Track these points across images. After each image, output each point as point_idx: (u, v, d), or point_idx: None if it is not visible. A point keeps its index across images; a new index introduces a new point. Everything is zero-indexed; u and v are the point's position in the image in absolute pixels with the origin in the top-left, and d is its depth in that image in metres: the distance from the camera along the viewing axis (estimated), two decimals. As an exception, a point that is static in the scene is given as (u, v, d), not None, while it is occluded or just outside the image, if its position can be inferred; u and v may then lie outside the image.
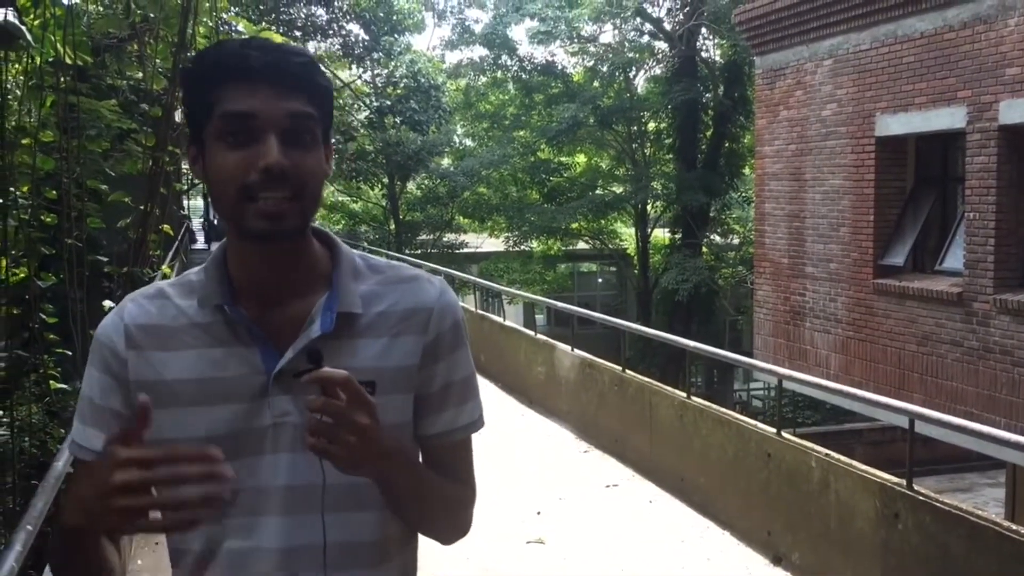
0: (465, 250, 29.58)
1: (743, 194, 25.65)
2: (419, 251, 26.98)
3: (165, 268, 8.62)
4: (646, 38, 27.27)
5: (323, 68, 1.32)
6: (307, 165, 1.25)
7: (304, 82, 1.25)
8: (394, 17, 25.89)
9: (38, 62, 5.49)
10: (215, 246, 1.41)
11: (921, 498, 4.73)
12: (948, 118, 9.38)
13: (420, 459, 1.41)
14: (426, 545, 1.48)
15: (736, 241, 26.64)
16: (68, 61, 5.40)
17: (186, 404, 1.29)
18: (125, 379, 1.32)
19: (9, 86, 5.96)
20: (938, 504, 4.65)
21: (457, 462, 1.42)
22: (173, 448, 1.11)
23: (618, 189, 27.46)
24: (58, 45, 5.22)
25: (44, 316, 5.41)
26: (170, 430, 1.28)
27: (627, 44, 27.12)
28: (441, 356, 1.36)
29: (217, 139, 1.24)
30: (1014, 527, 4.46)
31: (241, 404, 1.29)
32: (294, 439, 1.27)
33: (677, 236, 25.90)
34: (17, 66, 5.84)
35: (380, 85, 26.43)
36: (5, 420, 5.14)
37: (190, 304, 1.33)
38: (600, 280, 33.92)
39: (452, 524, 1.43)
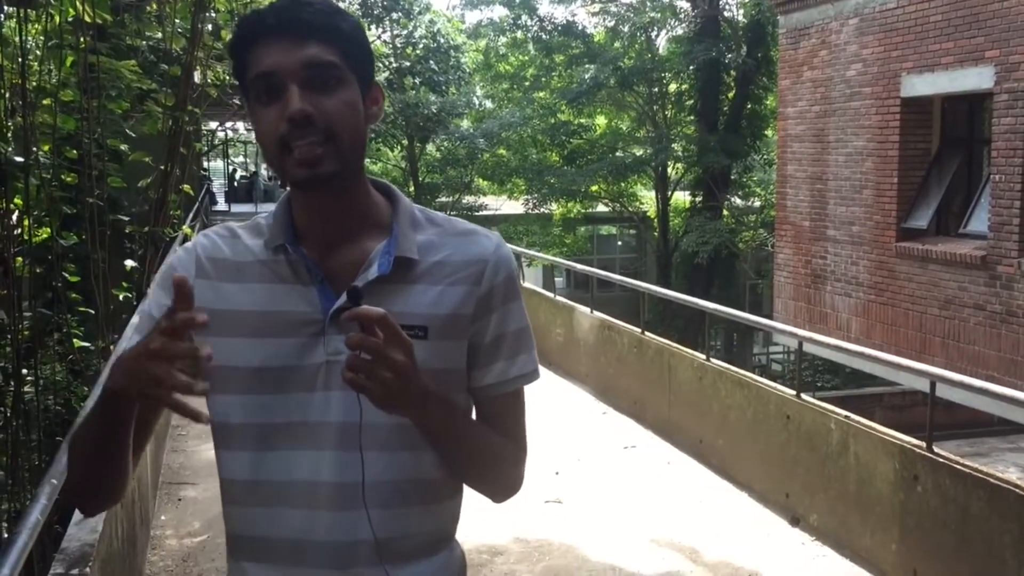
0: (484, 213, 29.50)
1: (765, 156, 25.38)
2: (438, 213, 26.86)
3: (186, 228, 8.65)
4: (668, -3, 26.94)
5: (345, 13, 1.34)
6: (332, 107, 1.28)
7: (318, 28, 1.28)
8: (413, -23, 25.67)
9: (58, 21, 5.49)
10: (235, 207, 1.44)
11: (941, 460, 4.72)
12: (975, 78, 9.23)
13: (472, 412, 1.44)
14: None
15: (757, 204, 26.42)
16: (87, 20, 5.39)
17: (244, 334, 1.34)
18: None
19: (29, 46, 5.96)
20: (958, 467, 4.63)
21: (507, 415, 1.44)
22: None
23: (638, 151, 27.25)
24: (77, 3, 5.20)
25: (67, 275, 5.45)
26: (228, 358, 1.33)
27: (649, 3, 26.78)
28: (495, 308, 1.39)
29: (255, 100, 1.31)
30: (1035, 490, 4.44)
31: (297, 339, 1.33)
32: None
33: (698, 199, 25.75)
34: (37, 26, 5.84)
35: (399, 46, 26.26)
36: (29, 378, 5.20)
37: (257, 243, 1.38)
38: (620, 243, 33.80)
39: (499, 480, 1.45)
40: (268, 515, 1.34)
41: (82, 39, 5.63)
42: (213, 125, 19.54)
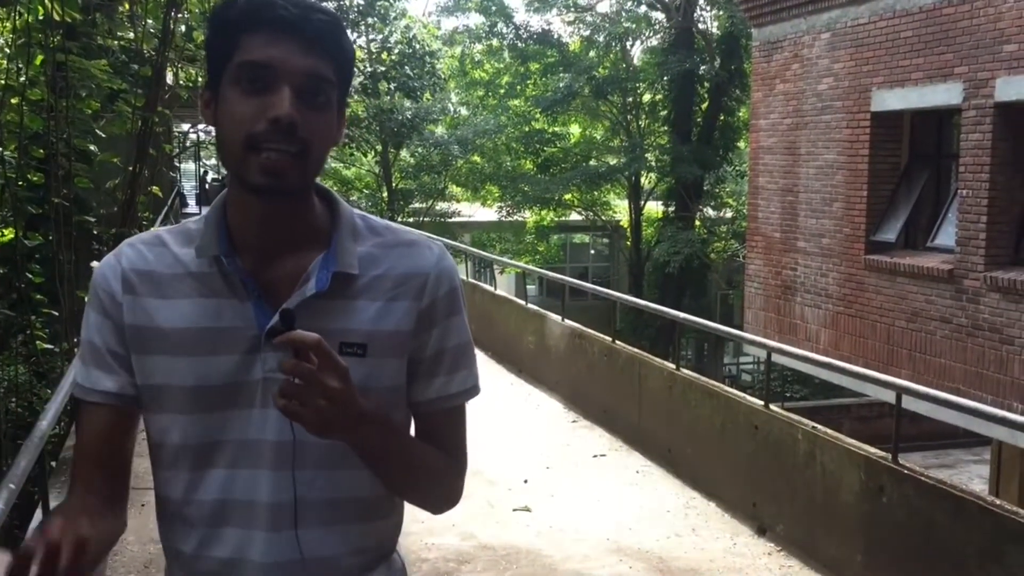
0: (458, 219, 29.50)
1: (737, 168, 25.60)
2: (412, 219, 26.86)
3: (155, 230, 8.57)
4: (643, 8, 27.08)
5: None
6: (316, 125, 1.23)
7: (327, 42, 1.24)
8: (390, -18, 25.64)
9: (27, 19, 5.42)
10: (205, 210, 1.38)
11: (906, 472, 4.76)
12: (944, 94, 9.34)
13: (412, 427, 1.40)
14: (411, 511, 1.46)
15: (729, 215, 26.61)
16: (57, 18, 5.33)
17: (178, 352, 1.29)
18: (121, 322, 1.31)
19: (-2, 43, 5.88)
20: (923, 478, 4.67)
21: (448, 431, 1.40)
22: None
23: (612, 160, 27.36)
24: (47, 1, 5.14)
25: (31, 276, 5.38)
26: (162, 377, 1.29)
27: (624, 14, 26.94)
28: (436, 322, 1.34)
29: (232, 85, 1.23)
30: (998, 502, 4.50)
31: (232, 357, 1.28)
32: None
33: (670, 209, 25.87)
34: (6, 24, 5.77)
35: (374, 51, 26.21)
36: (-8, 380, 5.13)
37: (187, 252, 1.31)
38: (592, 252, 33.89)
39: (439, 494, 1.42)
40: (203, 535, 1.31)
41: (52, 38, 5.57)
42: (185, 127, 19.40)
